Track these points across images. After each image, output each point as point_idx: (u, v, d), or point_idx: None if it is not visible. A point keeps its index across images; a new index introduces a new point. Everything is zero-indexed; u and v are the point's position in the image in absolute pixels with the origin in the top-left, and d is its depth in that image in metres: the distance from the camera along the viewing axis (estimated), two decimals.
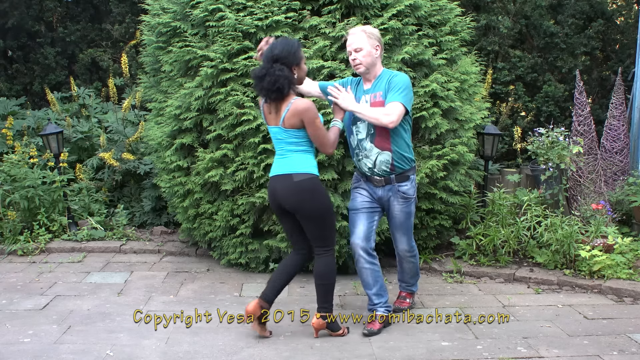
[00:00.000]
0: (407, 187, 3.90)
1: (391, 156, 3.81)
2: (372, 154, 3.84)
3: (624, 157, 6.20)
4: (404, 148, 3.85)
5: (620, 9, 8.67)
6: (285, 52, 3.57)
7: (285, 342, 3.83)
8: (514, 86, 7.97)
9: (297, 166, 3.65)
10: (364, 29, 3.82)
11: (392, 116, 3.68)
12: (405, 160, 3.87)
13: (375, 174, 3.88)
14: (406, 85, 3.77)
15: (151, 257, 5.61)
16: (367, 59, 3.79)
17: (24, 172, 5.89)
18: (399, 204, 3.91)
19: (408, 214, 3.95)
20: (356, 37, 3.79)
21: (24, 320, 4.11)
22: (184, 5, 4.98)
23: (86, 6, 9.34)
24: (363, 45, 3.77)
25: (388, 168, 3.84)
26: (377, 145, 3.82)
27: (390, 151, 3.81)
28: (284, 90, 3.56)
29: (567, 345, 3.81)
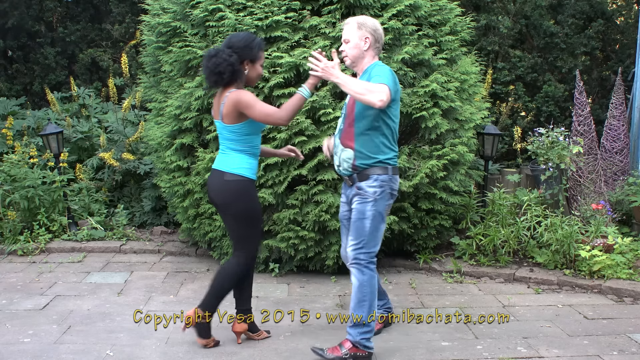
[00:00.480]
0: (366, 183, 3.48)
1: (353, 155, 3.48)
2: (338, 151, 3.57)
3: (624, 157, 6.20)
4: (370, 148, 3.47)
5: (620, 9, 8.68)
6: (242, 42, 3.49)
7: (285, 342, 3.83)
8: (514, 86, 7.97)
9: (232, 166, 3.55)
10: (357, 19, 3.54)
11: (381, 94, 3.24)
12: (371, 160, 3.47)
13: (342, 172, 3.61)
14: (387, 75, 3.39)
15: (151, 257, 5.61)
16: (353, 51, 3.52)
17: (24, 172, 5.89)
18: (355, 202, 3.52)
19: (361, 213, 3.47)
20: (347, 27, 3.55)
21: (24, 320, 4.11)
22: (184, 5, 4.98)
23: (86, 6, 9.34)
24: (351, 36, 3.51)
25: (350, 167, 3.51)
26: (342, 142, 3.54)
27: (353, 149, 3.48)
28: (224, 76, 3.43)
29: (567, 345, 3.81)
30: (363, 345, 3.52)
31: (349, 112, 3.53)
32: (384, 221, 3.57)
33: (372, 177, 3.47)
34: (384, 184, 3.49)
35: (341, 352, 3.51)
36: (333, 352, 3.52)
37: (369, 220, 3.47)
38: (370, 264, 3.52)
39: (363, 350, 3.52)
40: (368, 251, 3.50)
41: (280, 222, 4.77)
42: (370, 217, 3.47)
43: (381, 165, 3.49)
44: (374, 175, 3.47)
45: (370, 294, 3.51)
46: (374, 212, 3.48)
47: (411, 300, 4.57)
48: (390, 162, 3.52)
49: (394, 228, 4.94)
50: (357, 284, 3.51)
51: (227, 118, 3.49)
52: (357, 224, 3.50)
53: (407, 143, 5.09)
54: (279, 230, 4.82)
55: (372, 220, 3.48)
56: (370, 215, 3.47)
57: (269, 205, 4.84)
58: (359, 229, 3.49)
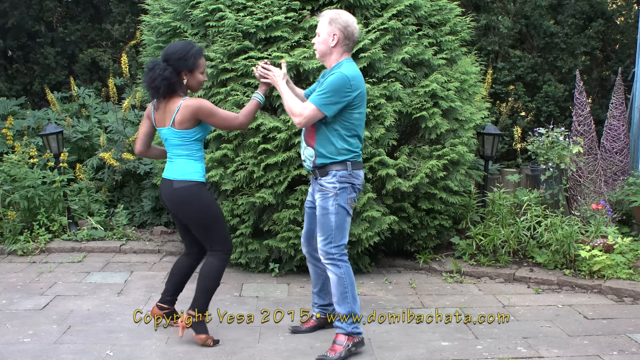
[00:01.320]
0: (325, 180, 3.55)
1: (314, 152, 3.57)
2: (301, 148, 3.69)
3: (624, 157, 6.20)
4: (327, 147, 3.53)
5: (620, 9, 8.68)
6: (177, 55, 3.52)
7: (285, 342, 3.83)
8: (514, 86, 7.98)
9: (179, 173, 3.60)
10: (331, 13, 3.53)
11: (300, 118, 3.45)
12: (328, 158, 3.54)
13: (306, 167, 3.71)
14: (333, 87, 3.41)
15: (151, 257, 5.61)
16: (321, 47, 3.53)
17: (24, 172, 5.89)
18: (318, 198, 3.61)
19: (324, 209, 3.56)
20: (321, 19, 3.54)
21: (24, 320, 4.11)
22: (184, 5, 4.98)
23: (86, 6, 9.34)
24: (321, 30, 3.52)
25: (311, 163, 3.60)
26: (305, 139, 3.64)
27: (313, 148, 3.57)
28: (160, 90, 3.49)
29: (567, 345, 3.81)
30: (356, 332, 3.64)
31: None
32: (350, 214, 3.64)
33: (330, 173, 3.56)
34: (342, 179, 3.56)
35: (343, 347, 3.59)
36: (335, 351, 3.58)
37: (333, 215, 3.56)
38: (343, 256, 3.63)
39: (358, 337, 3.65)
40: (337, 244, 3.60)
41: (280, 222, 4.77)
42: (334, 212, 3.56)
43: (341, 161, 3.55)
44: (332, 172, 3.55)
45: (350, 284, 3.62)
46: (336, 207, 3.56)
47: (411, 300, 4.58)
48: (353, 158, 3.58)
49: (394, 228, 4.94)
50: (335, 279, 3.60)
51: (181, 124, 3.54)
52: (322, 220, 3.59)
53: (407, 143, 5.10)
54: (279, 230, 4.82)
55: (336, 215, 3.56)
56: (333, 210, 3.56)
57: (269, 205, 4.85)
58: (325, 225, 3.58)
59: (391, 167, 4.74)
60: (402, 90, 4.76)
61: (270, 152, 4.59)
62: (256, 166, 4.67)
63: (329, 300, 3.93)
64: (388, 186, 4.76)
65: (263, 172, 4.65)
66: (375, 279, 5.05)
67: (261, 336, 3.89)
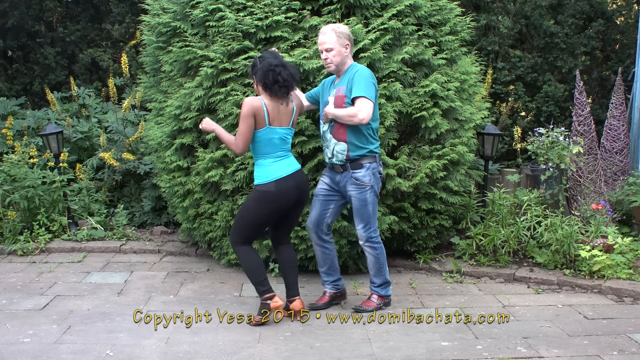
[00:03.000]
0: (361, 174, 4.05)
1: (347, 147, 4.03)
2: (330, 144, 4.09)
3: (624, 157, 6.20)
4: (360, 139, 4.03)
5: (620, 9, 8.68)
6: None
7: (285, 342, 3.83)
8: (514, 86, 7.97)
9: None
10: (334, 29, 4.01)
11: (362, 112, 3.91)
12: (362, 150, 4.05)
13: (334, 163, 4.12)
14: (366, 79, 3.98)
15: (151, 257, 5.61)
16: (337, 59, 4.01)
17: (24, 172, 5.89)
18: (353, 190, 4.08)
19: (363, 201, 4.08)
20: (327, 36, 3.99)
21: (24, 320, 4.11)
22: (184, 5, 4.98)
23: (86, 6, 9.34)
24: (333, 45, 3.98)
25: (344, 157, 4.05)
26: (335, 136, 4.05)
27: (346, 142, 4.03)
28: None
29: (567, 345, 3.81)
30: (387, 295, 4.36)
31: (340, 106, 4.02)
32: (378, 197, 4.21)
33: (365, 166, 4.07)
34: (374, 170, 4.11)
35: (375, 304, 4.30)
36: (369, 305, 4.29)
37: (370, 205, 4.10)
38: (377, 237, 4.22)
39: (387, 298, 4.36)
40: (374, 228, 4.18)
41: None
42: (371, 203, 4.11)
43: (373, 155, 4.10)
44: (366, 164, 4.07)
45: (384, 261, 4.26)
46: (373, 198, 4.11)
47: (411, 300, 4.58)
48: (377, 151, 4.14)
49: (394, 228, 4.94)
50: (373, 259, 4.22)
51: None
52: (361, 211, 4.10)
53: (407, 143, 5.09)
54: None
55: (372, 205, 4.12)
56: (371, 201, 4.10)
57: None
58: (365, 214, 4.11)
59: (391, 167, 4.74)
60: (402, 90, 4.76)
61: None
62: None
63: (337, 276, 4.40)
64: (388, 186, 4.76)
65: None
66: None
67: (261, 336, 3.89)
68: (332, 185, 4.21)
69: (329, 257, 4.33)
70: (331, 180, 4.21)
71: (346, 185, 4.12)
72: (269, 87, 3.88)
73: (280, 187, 3.92)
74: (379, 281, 4.28)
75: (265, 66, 3.87)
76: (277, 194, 3.92)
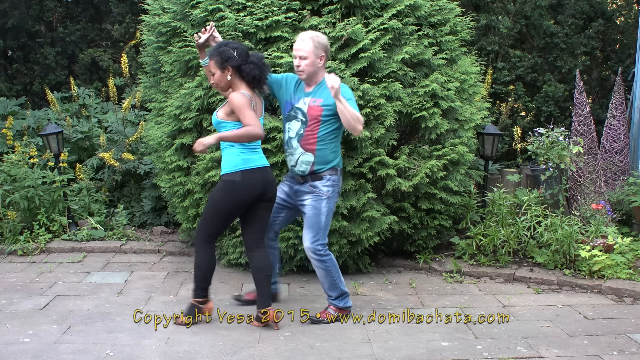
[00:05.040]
0: (321, 183, 3.98)
1: (313, 158, 3.96)
2: (296, 153, 4.00)
3: (624, 157, 6.20)
4: (327, 153, 3.98)
5: (620, 9, 8.67)
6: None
7: (285, 342, 3.83)
8: (514, 86, 7.97)
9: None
10: (313, 37, 3.91)
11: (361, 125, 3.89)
12: (327, 165, 3.99)
13: (295, 172, 4.05)
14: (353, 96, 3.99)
15: (151, 257, 5.61)
16: (310, 68, 3.92)
17: (24, 172, 5.88)
18: (309, 198, 4.00)
19: (317, 209, 3.97)
20: (304, 44, 3.89)
21: (24, 320, 4.11)
22: (184, 5, 4.98)
23: (86, 6, 9.34)
24: (308, 54, 3.89)
25: (307, 168, 3.98)
26: (303, 146, 3.97)
27: (314, 154, 3.96)
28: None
29: (567, 345, 3.81)
30: (346, 307, 4.19)
31: (314, 119, 3.94)
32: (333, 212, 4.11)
33: (325, 178, 3.99)
34: (334, 184, 4.02)
35: (333, 316, 4.13)
36: (326, 317, 4.12)
37: (324, 215, 3.99)
38: (327, 250, 4.06)
39: (348, 310, 4.21)
40: (323, 242, 4.03)
41: None
42: (325, 213, 4.00)
43: (335, 168, 4.02)
44: (327, 176, 3.99)
45: (336, 272, 4.10)
46: (328, 208, 4.01)
47: (411, 300, 4.58)
48: (339, 165, 4.08)
49: (394, 228, 4.94)
50: (323, 273, 4.07)
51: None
52: (313, 219, 3.99)
53: (407, 143, 5.10)
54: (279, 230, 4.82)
55: (326, 216, 4.00)
56: (325, 212, 3.99)
57: None
58: (316, 224, 3.99)
59: (391, 167, 4.74)
60: (402, 90, 4.76)
61: (270, 152, 4.59)
62: None
63: (275, 279, 4.36)
64: (388, 186, 4.77)
65: None
66: (375, 279, 5.05)
67: (261, 336, 3.89)
68: (290, 194, 4.12)
69: (273, 260, 4.24)
70: (290, 188, 4.12)
71: (302, 195, 4.03)
72: (257, 79, 3.84)
73: (245, 178, 3.84)
74: (335, 294, 4.12)
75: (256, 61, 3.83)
76: (242, 184, 3.84)
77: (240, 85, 3.86)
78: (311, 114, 3.95)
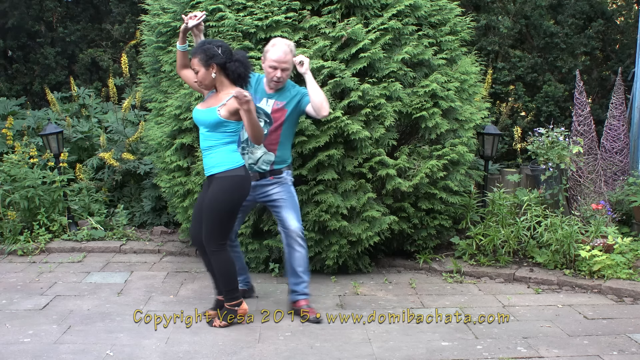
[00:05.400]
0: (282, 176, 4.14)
1: (274, 158, 4.10)
2: (257, 152, 4.09)
3: (624, 157, 6.20)
4: (286, 152, 4.17)
5: (620, 9, 8.67)
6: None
7: (285, 342, 3.83)
8: (514, 86, 7.97)
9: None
10: (290, 47, 4.04)
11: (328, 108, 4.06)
12: (284, 164, 4.16)
13: (254, 170, 4.10)
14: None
15: (151, 257, 5.61)
16: (287, 77, 4.08)
17: (24, 172, 5.89)
18: (275, 187, 4.13)
19: (289, 193, 4.15)
20: (289, 57, 4.01)
21: (24, 320, 4.11)
22: (184, 5, 4.98)
23: (86, 6, 9.34)
24: (289, 65, 4.03)
25: (268, 167, 4.11)
26: (266, 145, 4.08)
27: (275, 153, 4.10)
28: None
29: (567, 345, 3.81)
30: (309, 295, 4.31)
31: (278, 120, 4.06)
32: None
33: (284, 172, 4.17)
34: (291, 176, 4.23)
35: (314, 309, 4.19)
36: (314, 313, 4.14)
37: (296, 197, 4.20)
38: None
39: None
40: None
41: None
42: (296, 195, 4.21)
43: (289, 165, 4.22)
44: (285, 171, 4.18)
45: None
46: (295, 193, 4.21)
47: (411, 300, 4.58)
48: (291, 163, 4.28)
49: (394, 228, 4.94)
50: (304, 252, 4.17)
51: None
52: (291, 202, 4.15)
53: (407, 143, 5.10)
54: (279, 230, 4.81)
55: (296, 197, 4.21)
56: (295, 194, 4.20)
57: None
58: (295, 205, 4.17)
59: (391, 167, 4.74)
60: (402, 90, 4.76)
61: None
62: None
63: (246, 274, 4.48)
64: (388, 186, 4.77)
65: None
66: (375, 279, 5.05)
67: (261, 336, 3.89)
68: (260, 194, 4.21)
69: (239, 258, 4.34)
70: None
71: (264, 188, 4.13)
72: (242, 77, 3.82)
73: (247, 172, 3.89)
74: (308, 277, 4.24)
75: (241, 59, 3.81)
76: (247, 177, 3.85)
77: (225, 82, 3.82)
78: (275, 115, 4.07)
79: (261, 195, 4.17)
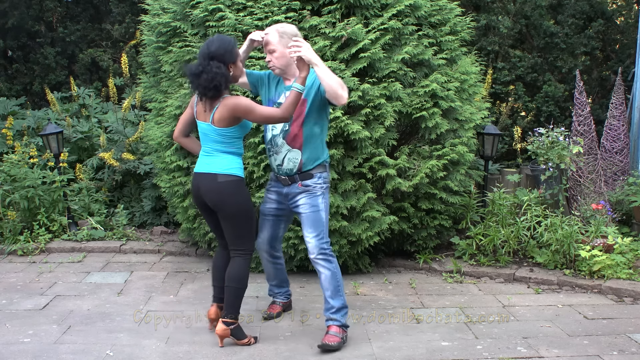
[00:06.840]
0: (312, 182, 3.73)
1: (300, 154, 3.70)
2: (282, 151, 3.73)
3: (624, 157, 6.20)
4: (316, 148, 3.73)
5: (620, 9, 8.67)
6: (222, 49, 3.50)
7: (285, 342, 3.83)
8: (514, 86, 7.98)
9: (223, 167, 3.60)
10: (278, 28, 3.67)
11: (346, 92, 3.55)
12: (315, 162, 3.74)
13: (282, 172, 3.77)
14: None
15: (151, 257, 5.61)
16: (281, 61, 3.66)
17: (24, 172, 5.89)
18: (303, 197, 3.74)
19: (315, 207, 3.71)
20: (270, 37, 3.66)
21: (24, 320, 4.12)
22: (184, 5, 4.98)
23: (86, 6, 9.34)
24: (276, 46, 3.64)
25: (295, 166, 3.72)
26: (289, 142, 3.71)
27: (301, 150, 3.70)
28: (221, 88, 3.49)
29: (567, 345, 3.81)
30: (346, 325, 3.82)
31: (298, 112, 3.66)
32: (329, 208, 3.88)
33: (316, 176, 3.75)
34: (325, 181, 3.79)
35: (340, 338, 3.73)
36: (335, 341, 3.70)
37: (323, 212, 3.74)
38: (331, 249, 3.78)
39: (346, 329, 3.82)
40: (327, 240, 3.76)
41: None
42: (324, 209, 3.75)
43: (323, 164, 3.79)
44: (317, 174, 3.75)
45: (340, 276, 3.78)
46: (325, 204, 3.76)
47: (411, 300, 4.58)
48: (327, 160, 3.85)
49: (394, 228, 4.94)
50: (329, 274, 3.73)
51: (220, 122, 3.55)
52: (313, 217, 3.72)
53: (407, 143, 5.10)
54: None
55: (325, 212, 3.75)
56: (323, 207, 3.74)
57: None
58: (317, 221, 3.72)
59: (391, 167, 4.74)
60: (402, 90, 4.76)
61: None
62: (256, 166, 4.67)
63: (287, 287, 4.25)
64: (388, 186, 4.77)
65: (263, 172, 4.65)
66: (375, 279, 5.06)
67: (261, 336, 3.89)
68: (281, 200, 3.87)
69: (281, 271, 4.13)
70: (278, 195, 3.87)
71: (294, 197, 3.77)
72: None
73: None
74: (338, 304, 3.73)
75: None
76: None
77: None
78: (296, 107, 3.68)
79: (292, 204, 3.82)
